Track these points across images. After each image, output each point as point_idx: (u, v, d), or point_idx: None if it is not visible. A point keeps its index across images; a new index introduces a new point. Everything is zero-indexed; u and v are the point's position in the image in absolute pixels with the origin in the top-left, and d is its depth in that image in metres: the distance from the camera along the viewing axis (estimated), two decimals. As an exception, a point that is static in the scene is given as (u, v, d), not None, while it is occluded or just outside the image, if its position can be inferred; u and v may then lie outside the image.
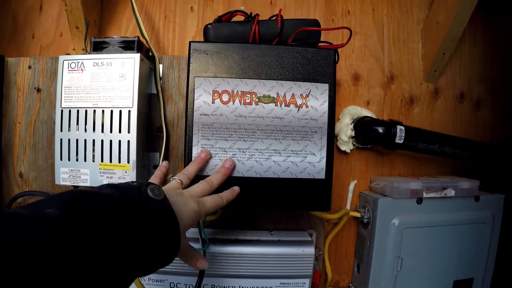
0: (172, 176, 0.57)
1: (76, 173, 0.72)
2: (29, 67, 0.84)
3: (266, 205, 0.65)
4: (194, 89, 0.64)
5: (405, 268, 0.83)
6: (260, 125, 0.64)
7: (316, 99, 0.65)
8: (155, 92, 0.78)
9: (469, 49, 0.94)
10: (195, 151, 0.63)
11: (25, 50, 0.91)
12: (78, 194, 0.38)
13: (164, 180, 0.64)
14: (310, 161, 0.65)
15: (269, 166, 0.64)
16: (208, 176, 0.61)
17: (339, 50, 0.67)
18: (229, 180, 0.62)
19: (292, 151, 0.65)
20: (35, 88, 0.83)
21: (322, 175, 0.65)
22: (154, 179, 0.60)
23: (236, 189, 0.61)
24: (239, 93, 0.64)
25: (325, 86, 0.65)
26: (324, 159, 0.65)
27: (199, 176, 0.61)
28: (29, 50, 0.91)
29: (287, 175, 0.65)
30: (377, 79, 0.88)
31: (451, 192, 0.84)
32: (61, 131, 0.73)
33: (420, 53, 0.91)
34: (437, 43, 0.87)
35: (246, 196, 0.63)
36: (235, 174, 0.64)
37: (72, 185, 0.73)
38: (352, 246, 0.89)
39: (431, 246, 0.84)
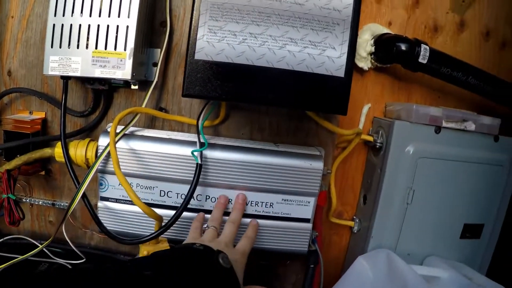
0: (207, 226, 0.58)
1: (66, 61, 0.62)
2: (26, -41, 0.73)
3: (276, 100, 0.54)
4: (203, -33, 0.53)
5: (416, 202, 0.74)
6: (276, 10, 0.54)
7: (340, -11, 0.55)
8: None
9: (500, -15, 0.84)
10: (201, 32, 0.53)
11: None
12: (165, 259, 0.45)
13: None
14: (329, 56, 0.55)
15: (283, 56, 0.54)
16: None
17: None
18: (238, 70, 0.53)
19: (310, 41, 0.54)
20: (31, -21, 0.72)
21: (341, 73, 0.55)
22: (196, 231, 0.58)
23: (255, 223, 0.64)
24: (255, -25, 0.54)
25: (350, -22, 0.55)
26: (345, 56, 0.55)
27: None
28: None
29: (302, 68, 0.54)
30: (401, 0, 0.78)
31: (471, 126, 0.74)
32: (55, 15, 0.62)
33: (448, -19, 0.81)
34: (467, -29, 0.77)
35: (255, 88, 0.53)
36: (244, 61, 0.54)
37: (61, 75, 0.63)
38: (359, 176, 0.80)
39: (445, 181, 0.75)
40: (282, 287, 0.76)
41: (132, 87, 0.65)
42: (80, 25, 0.61)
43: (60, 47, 0.62)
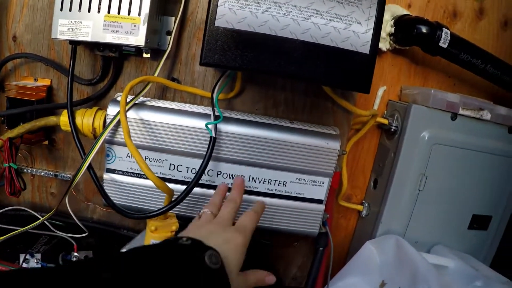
0: (202, 210, 0.51)
1: (76, 25, 0.59)
2: None
3: (298, 73, 0.51)
4: None
5: (427, 189, 0.72)
6: (302, -21, 0.51)
7: (367, -39, 0.52)
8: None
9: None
10: (220, 13, 0.50)
11: None
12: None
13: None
14: (354, 30, 0.52)
15: (308, 28, 0.51)
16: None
17: None
18: (260, 39, 0.49)
19: (336, 14, 0.51)
20: None
21: (366, 49, 0.52)
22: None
23: (261, 202, 0.57)
24: None
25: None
26: (371, 32, 0.52)
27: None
28: None
29: (327, 41, 0.51)
30: (422, -16, 0.75)
31: (487, 115, 0.72)
32: (65, -23, 0.59)
33: (469, -33, 0.78)
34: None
35: (277, 59, 0.50)
36: (267, 31, 0.50)
37: (70, 39, 0.59)
38: (370, 160, 0.77)
39: (457, 169, 0.73)
40: (288, 269, 0.73)
41: (144, 55, 0.62)
42: (92, -13, 0.58)
43: (70, 10, 0.59)
